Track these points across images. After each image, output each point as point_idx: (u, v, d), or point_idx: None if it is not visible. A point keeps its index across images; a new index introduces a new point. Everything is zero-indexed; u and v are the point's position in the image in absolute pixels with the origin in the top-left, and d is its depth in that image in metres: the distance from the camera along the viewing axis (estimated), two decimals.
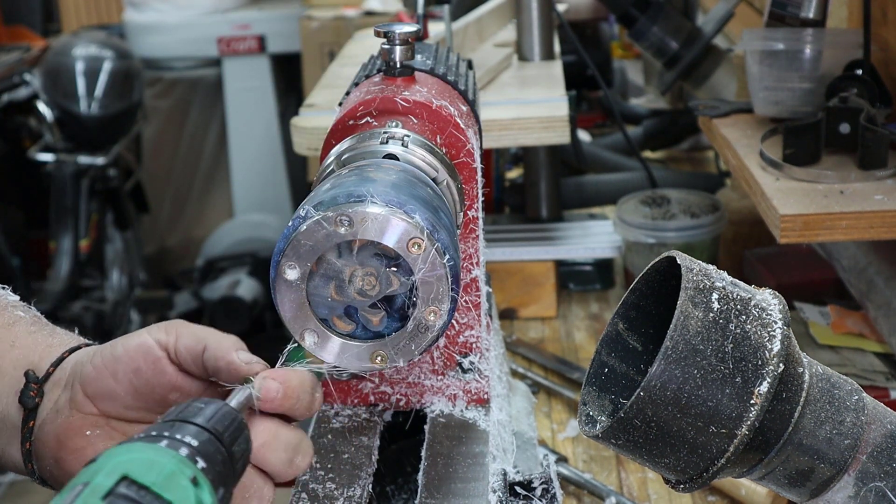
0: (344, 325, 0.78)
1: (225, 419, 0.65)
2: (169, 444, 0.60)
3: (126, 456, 0.57)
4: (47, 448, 0.79)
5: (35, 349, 0.83)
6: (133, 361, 0.78)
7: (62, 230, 3.81)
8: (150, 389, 0.79)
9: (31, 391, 0.80)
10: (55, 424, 0.79)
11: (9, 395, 0.81)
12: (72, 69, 3.88)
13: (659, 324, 0.76)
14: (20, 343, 0.83)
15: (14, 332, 0.84)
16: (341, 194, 0.74)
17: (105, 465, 0.57)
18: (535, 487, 0.94)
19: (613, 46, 2.97)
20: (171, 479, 0.57)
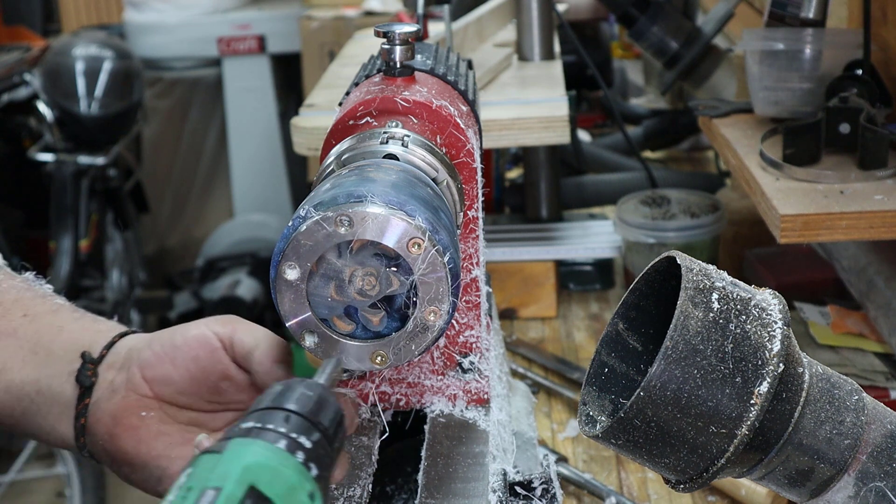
0: (344, 326, 0.78)
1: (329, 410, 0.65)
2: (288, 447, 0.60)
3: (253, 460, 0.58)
4: (102, 425, 0.84)
5: (84, 333, 0.89)
6: (192, 350, 0.84)
7: (62, 230, 3.81)
8: (205, 377, 0.84)
9: (88, 371, 0.85)
10: (111, 403, 0.84)
11: (61, 375, 0.86)
12: (72, 69, 3.88)
13: (659, 324, 0.76)
14: (68, 328, 0.89)
15: (60, 318, 0.90)
16: (341, 194, 0.74)
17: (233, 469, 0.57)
18: (535, 487, 0.94)
19: (613, 46, 2.97)
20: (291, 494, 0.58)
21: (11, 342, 0.88)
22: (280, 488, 0.57)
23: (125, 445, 0.84)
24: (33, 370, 0.87)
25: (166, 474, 0.83)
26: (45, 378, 0.87)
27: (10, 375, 0.87)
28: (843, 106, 1.42)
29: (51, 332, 0.88)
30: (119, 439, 0.84)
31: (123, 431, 0.84)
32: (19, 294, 0.91)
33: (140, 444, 0.84)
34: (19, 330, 0.88)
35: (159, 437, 0.84)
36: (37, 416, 0.87)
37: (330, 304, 0.76)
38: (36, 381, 0.87)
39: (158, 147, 4.72)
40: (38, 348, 0.87)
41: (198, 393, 0.85)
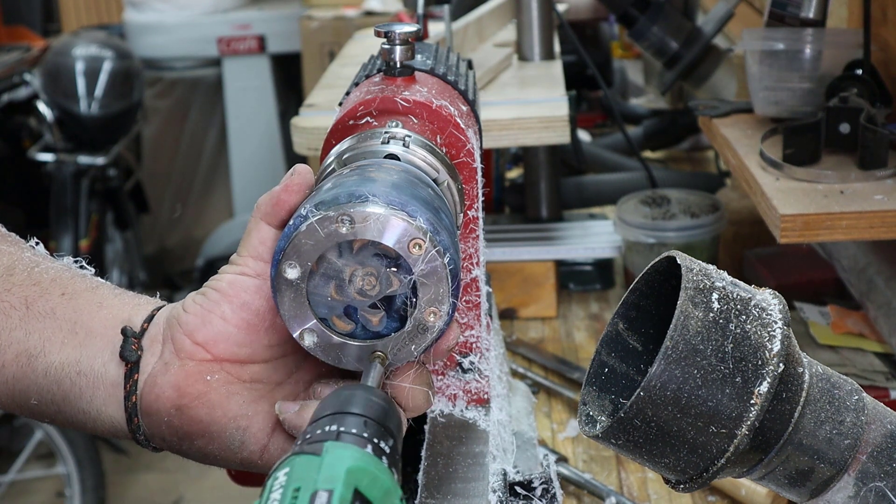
0: (343, 325, 0.78)
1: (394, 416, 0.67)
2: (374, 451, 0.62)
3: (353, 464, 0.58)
4: (163, 400, 0.79)
5: (123, 308, 0.84)
6: (238, 297, 0.79)
7: (62, 230, 3.81)
8: (260, 319, 0.80)
9: (132, 345, 0.81)
10: (169, 375, 0.79)
11: (103, 354, 0.82)
12: (72, 69, 3.88)
13: (659, 324, 0.76)
14: (107, 304, 0.84)
15: (100, 294, 0.85)
16: (342, 194, 0.74)
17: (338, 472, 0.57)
18: (535, 487, 0.94)
19: (613, 46, 2.97)
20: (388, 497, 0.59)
21: (49, 323, 0.83)
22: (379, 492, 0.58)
23: (198, 414, 0.79)
24: (73, 350, 0.82)
25: (248, 434, 0.79)
26: (86, 358, 0.82)
27: (50, 358, 0.82)
28: (843, 106, 1.42)
29: (90, 308, 0.83)
30: (189, 409, 0.79)
31: (192, 401, 0.79)
32: (57, 274, 0.86)
33: (214, 408, 0.79)
34: (57, 309, 0.83)
35: (231, 397, 0.79)
36: (80, 400, 0.82)
37: (330, 303, 0.76)
38: (77, 362, 0.82)
39: (158, 147, 4.72)
40: (77, 327, 0.83)
41: (257, 339, 0.80)
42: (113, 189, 4.08)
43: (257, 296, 0.79)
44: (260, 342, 0.80)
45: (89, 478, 3.18)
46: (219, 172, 4.79)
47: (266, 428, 0.79)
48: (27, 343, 0.82)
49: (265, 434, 0.79)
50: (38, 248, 0.91)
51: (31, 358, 0.82)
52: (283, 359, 0.82)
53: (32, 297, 0.84)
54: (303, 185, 0.79)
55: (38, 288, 0.84)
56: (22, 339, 0.83)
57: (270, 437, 0.80)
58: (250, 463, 0.80)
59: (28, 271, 0.86)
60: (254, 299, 0.79)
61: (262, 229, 0.79)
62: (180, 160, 4.78)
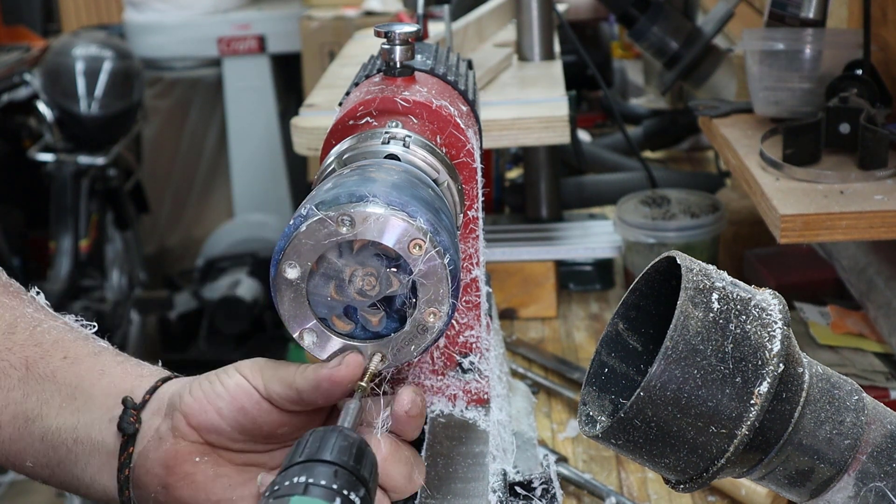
0: (343, 325, 0.78)
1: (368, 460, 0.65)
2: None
3: None
4: (152, 476, 0.79)
5: (126, 378, 0.83)
6: (237, 401, 0.78)
7: (62, 230, 3.81)
8: (257, 427, 0.79)
9: (131, 417, 0.80)
10: (160, 452, 0.79)
11: (102, 423, 0.81)
12: (72, 69, 3.88)
13: (659, 324, 0.76)
14: (109, 371, 0.83)
15: (102, 361, 0.84)
16: (343, 194, 0.74)
17: None
18: (535, 487, 0.94)
19: (613, 46, 2.97)
20: None
21: (49, 386, 0.82)
22: None
23: (182, 494, 0.78)
24: (71, 416, 0.81)
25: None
26: (83, 425, 0.81)
27: (47, 422, 0.81)
28: (843, 106, 1.42)
29: (92, 375, 0.83)
30: (174, 489, 0.78)
31: (178, 480, 0.78)
32: (60, 335, 0.85)
33: (198, 490, 0.79)
34: (58, 373, 0.82)
35: (217, 480, 0.79)
36: (75, 466, 0.81)
37: (329, 303, 0.76)
38: (74, 429, 0.81)
39: (158, 147, 4.72)
40: (77, 393, 0.82)
41: (252, 439, 0.80)
42: (113, 189, 4.08)
43: (257, 409, 0.78)
44: (254, 442, 0.80)
45: None
46: (219, 172, 4.79)
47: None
48: (24, 405, 0.82)
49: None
50: (40, 298, 0.90)
51: (27, 421, 0.82)
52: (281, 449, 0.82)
53: (33, 358, 0.83)
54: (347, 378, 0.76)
55: (40, 349, 0.84)
56: (19, 401, 0.82)
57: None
58: None
59: (30, 330, 0.85)
60: (253, 410, 0.78)
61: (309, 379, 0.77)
62: (180, 160, 4.78)
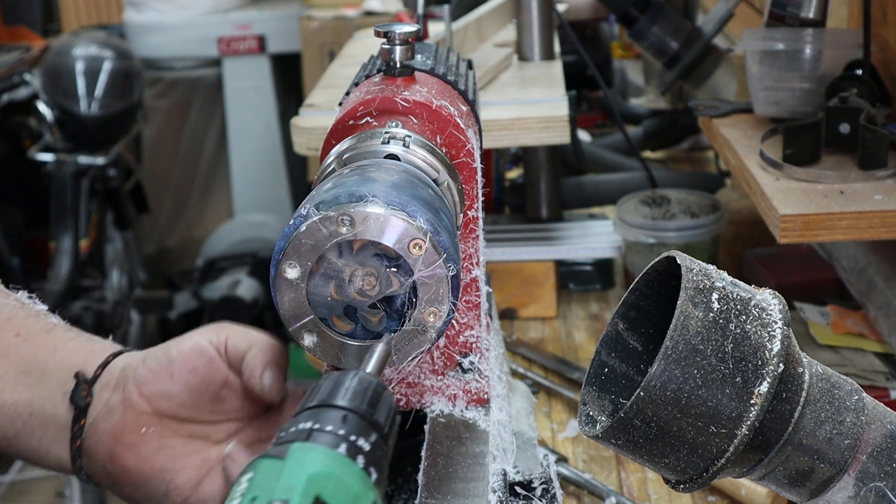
0: (343, 325, 0.78)
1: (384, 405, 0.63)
2: (348, 451, 0.58)
3: (316, 469, 0.55)
4: (101, 445, 0.83)
5: (78, 353, 0.87)
6: (188, 361, 0.83)
7: (62, 230, 3.81)
8: (205, 387, 0.83)
9: (83, 391, 0.83)
10: (109, 423, 0.83)
11: (55, 396, 0.85)
12: (72, 69, 3.88)
13: (659, 324, 0.76)
14: (62, 347, 0.87)
15: (54, 337, 0.88)
16: (343, 194, 0.74)
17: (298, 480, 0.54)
18: (535, 487, 0.94)
19: (613, 46, 2.97)
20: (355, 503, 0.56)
21: (3, 363, 0.86)
22: (344, 498, 0.55)
23: (127, 463, 0.82)
24: (26, 391, 0.85)
25: (171, 486, 0.82)
26: (38, 399, 0.85)
27: (3, 397, 0.85)
28: (843, 106, 1.42)
29: (45, 351, 0.86)
30: (120, 458, 0.82)
31: (124, 450, 0.82)
32: (12, 313, 0.89)
33: (142, 460, 0.82)
34: (11, 350, 0.86)
35: (161, 451, 0.83)
36: (30, 438, 0.85)
37: (329, 303, 0.76)
38: (29, 403, 0.85)
39: (158, 147, 4.72)
40: (31, 368, 0.85)
41: (198, 404, 0.84)
42: (113, 189, 4.07)
43: (207, 367, 0.83)
44: (202, 407, 0.84)
45: None
46: (219, 172, 4.79)
47: (190, 482, 0.82)
48: None
49: (189, 488, 0.82)
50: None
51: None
52: (226, 423, 0.85)
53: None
54: None
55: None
56: None
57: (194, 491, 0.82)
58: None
59: None
60: (203, 368, 0.83)
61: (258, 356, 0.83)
62: (180, 160, 4.78)
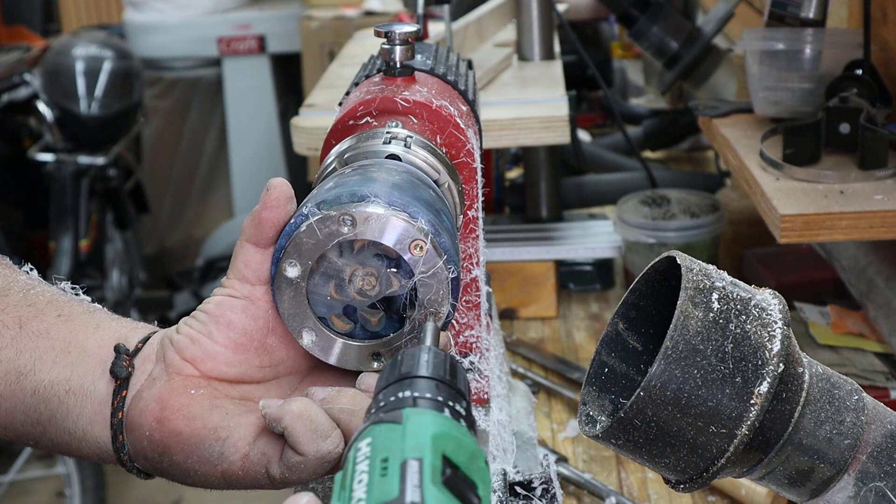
0: (342, 325, 0.78)
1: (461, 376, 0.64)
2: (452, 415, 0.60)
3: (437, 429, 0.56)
4: (147, 414, 0.78)
5: (120, 330, 0.83)
6: (223, 317, 0.79)
7: (62, 230, 3.81)
8: (248, 339, 0.79)
9: (124, 361, 0.80)
10: (154, 390, 0.79)
11: (94, 372, 0.81)
12: (72, 69, 3.88)
13: (659, 324, 0.76)
14: (104, 325, 0.84)
15: (97, 318, 0.84)
16: (344, 193, 0.74)
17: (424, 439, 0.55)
18: (535, 487, 0.94)
19: (613, 46, 2.97)
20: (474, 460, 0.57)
21: (42, 342, 0.82)
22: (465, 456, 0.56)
23: (177, 426, 0.77)
24: (64, 369, 0.81)
25: (227, 444, 0.76)
26: (76, 376, 0.81)
27: (40, 376, 0.81)
28: (843, 106, 1.42)
29: (86, 329, 0.83)
30: (169, 421, 0.77)
31: (173, 413, 0.77)
32: (53, 297, 0.85)
33: (194, 420, 0.77)
34: (52, 329, 0.82)
35: (214, 410, 0.77)
36: (66, 419, 0.81)
37: (329, 302, 0.76)
38: (66, 381, 0.81)
39: (158, 147, 4.72)
40: (70, 347, 0.82)
41: (246, 359, 0.79)
42: (113, 189, 4.08)
43: (244, 315, 0.79)
44: (250, 362, 0.80)
45: (89, 478, 3.18)
46: (219, 172, 4.79)
47: (248, 437, 0.77)
48: (17, 361, 0.82)
49: (246, 443, 0.77)
50: (33, 273, 0.90)
51: (20, 376, 0.81)
52: (276, 381, 0.81)
53: (27, 317, 0.83)
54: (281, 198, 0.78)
55: (34, 309, 0.84)
56: (12, 358, 0.82)
57: (252, 446, 0.77)
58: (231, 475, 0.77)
59: (24, 293, 0.85)
60: (240, 319, 0.79)
61: (248, 251, 0.79)
62: (180, 160, 4.78)
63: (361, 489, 0.53)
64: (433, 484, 0.52)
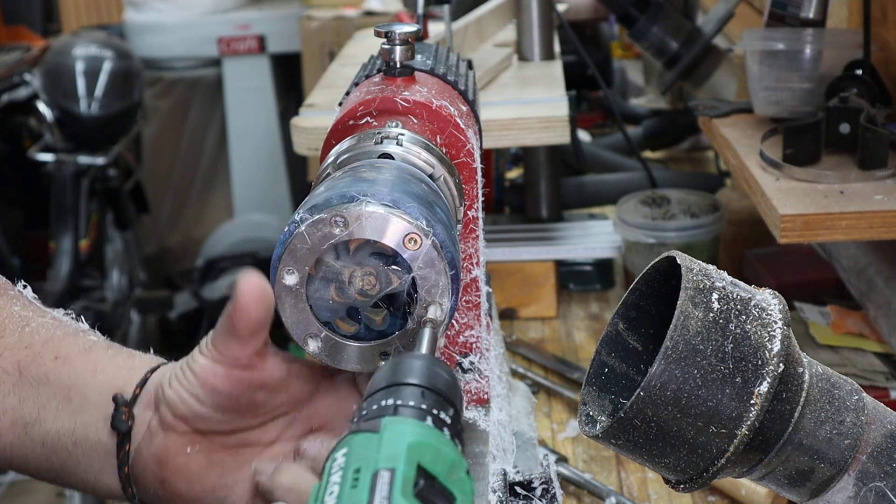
0: (347, 327, 0.77)
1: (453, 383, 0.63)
2: (435, 424, 0.58)
3: (414, 438, 0.56)
4: (149, 472, 0.79)
5: (118, 373, 0.83)
6: (207, 383, 0.78)
7: (62, 230, 3.81)
8: (235, 402, 0.78)
9: (123, 415, 0.80)
10: (153, 447, 0.79)
11: (97, 422, 0.81)
12: (72, 69, 3.88)
13: (659, 324, 0.76)
14: (101, 368, 0.83)
15: (94, 358, 0.84)
16: (335, 196, 0.74)
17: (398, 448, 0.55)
18: (535, 487, 0.94)
19: (613, 46, 2.97)
20: (453, 471, 0.56)
21: (43, 389, 0.82)
22: (443, 466, 0.55)
23: (178, 487, 0.79)
24: (68, 419, 0.81)
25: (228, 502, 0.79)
26: (80, 427, 0.81)
27: (45, 426, 0.81)
28: (843, 106, 1.42)
29: (84, 374, 0.82)
30: (169, 483, 0.79)
31: (172, 474, 0.79)
32: (49, 333, 0.85)
33: (193, 482, 0.79)
34: (51, 374, 0.82)
35: (210, 468, 0.79)
36: (77, 468, 0.81)
37: (332, 306, 0.76)
38: (72, 432, 0.81)
39: (158, 147, 4.72)
40: (71, 394, 0.81)
41: (237, 417, 0.79)
42: (113, 189, 4.08)
43: (228, 382, 0.78)
44: (241, 419, 0.80)
45: None
46: (219, 172, 4.79)
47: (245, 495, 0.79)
48: (21, 411, 0.82)
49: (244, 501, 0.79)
50: (27, 292, 0.89)
51: (26, 426, 0.82)
52: (272, 422, 0.81)
53: (25, 361, 0.83)
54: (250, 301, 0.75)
55: (30, 351, 0.83)
56: (16, 407, 0.82)
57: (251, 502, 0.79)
58: None
59: (19, 332, 0.85)
60: (225, 385, 0.78)
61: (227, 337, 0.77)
62: (180, 160, 4.78)
63: (332, 501, 0.52)
64: (403, 496, 0.51)
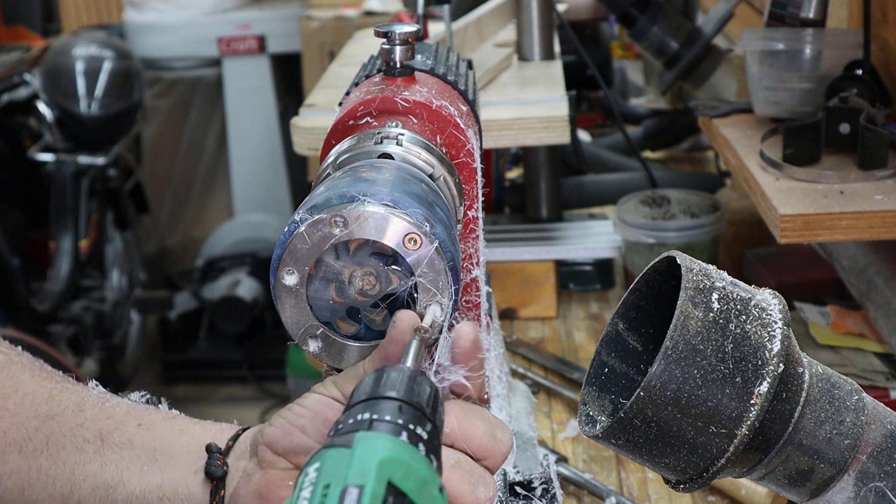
0: (347, 327, 0.77)
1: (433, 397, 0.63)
2: (410, 439, 0.58)
3: (386, 454, 0.56)
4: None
5: (205, 434, 0.83)
6: (319, 414, 0.77)
7: (62, 230, 3.80)
8: None
9: (217, 461, 0.79)
10: (251, 485, 0.78)
11: (187, 476, 0.80)
12: (72, 69, 3.88)
13: (659, 324, 0.76)
14: (188, 430, 0.83)
15: (179, 423, 0.84)
16: (334, 196, 0.74)
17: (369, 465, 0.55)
18: (535, 487, 0.94)
19: (613, 46, 2.97)
20: (425, 488, 0.56)
21: (126, 453, 0.81)
22: (414, 483, 0.55)
23: None
24: (154, 477, 0.80)
25: None
26: (168, 483, 0.80)
27: (129, 487, 0.80)
28: (843, 106, 1.42)
29: (170, 436, 0.82)
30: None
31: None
32: (131, 407, 0.85)
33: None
34: (135, 440, 0.82)
35: None
36: None
37: (332, 306, 0.76)
38: (159, 487, 0.80)
39: (158, 147, 4.72)
40: (157, 454, 0.81)
41: None
42: (113, 189, 4.07)
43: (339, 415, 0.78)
44: None
45: None
46: (219, 172, 4.79)
47: None
48: (103, 475, 0.81)
49: None
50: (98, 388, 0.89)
51: (108, 489, 0.81)
52: None
53: (107, 429, 0.83)
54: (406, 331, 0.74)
55: (112, 421, 0.83)
56: (98, 472, 0.81)
57: None
58: None
59: (100, 406, 0.85)
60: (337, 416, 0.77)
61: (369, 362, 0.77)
62: (180, 160, 4.78)
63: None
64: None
